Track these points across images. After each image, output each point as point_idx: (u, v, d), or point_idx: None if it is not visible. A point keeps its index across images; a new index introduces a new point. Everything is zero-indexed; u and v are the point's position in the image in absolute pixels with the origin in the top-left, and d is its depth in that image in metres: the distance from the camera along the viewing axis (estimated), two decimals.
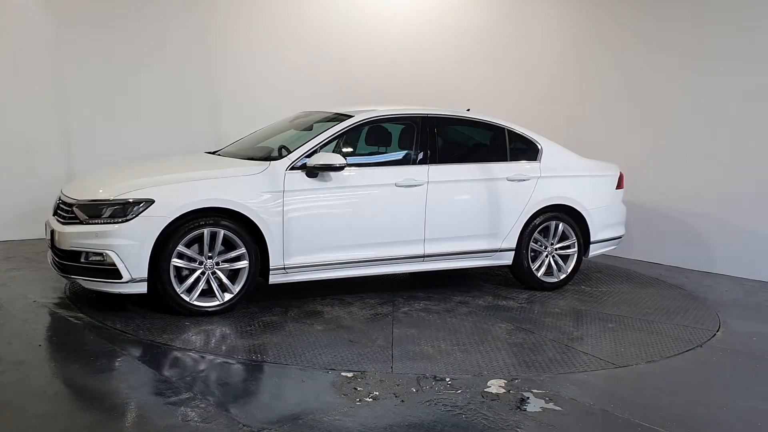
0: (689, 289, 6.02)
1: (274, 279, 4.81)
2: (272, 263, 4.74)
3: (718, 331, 4.81)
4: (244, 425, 3.02)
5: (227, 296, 4.62)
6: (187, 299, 4.53)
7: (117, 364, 3.73)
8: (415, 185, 5.17)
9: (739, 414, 3.46)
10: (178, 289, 4.48)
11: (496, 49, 8.29)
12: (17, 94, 6.97)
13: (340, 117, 5.34)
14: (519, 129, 5.73)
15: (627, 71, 7.25)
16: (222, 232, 4.57)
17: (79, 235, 4.46)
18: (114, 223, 4.41)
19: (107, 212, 4.45)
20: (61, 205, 4.80)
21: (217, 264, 4.61)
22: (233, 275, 4.68)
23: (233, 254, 4.63)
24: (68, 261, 4.51)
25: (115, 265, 4.36)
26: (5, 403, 3.19)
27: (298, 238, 4.81)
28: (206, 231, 4.53)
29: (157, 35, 7.67)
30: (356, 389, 3.48)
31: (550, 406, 3.38)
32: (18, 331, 4.23)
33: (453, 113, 5.68)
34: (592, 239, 5.76)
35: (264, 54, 8.35)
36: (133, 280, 4.40)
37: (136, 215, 4.42)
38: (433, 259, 5.32)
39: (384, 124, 5.50)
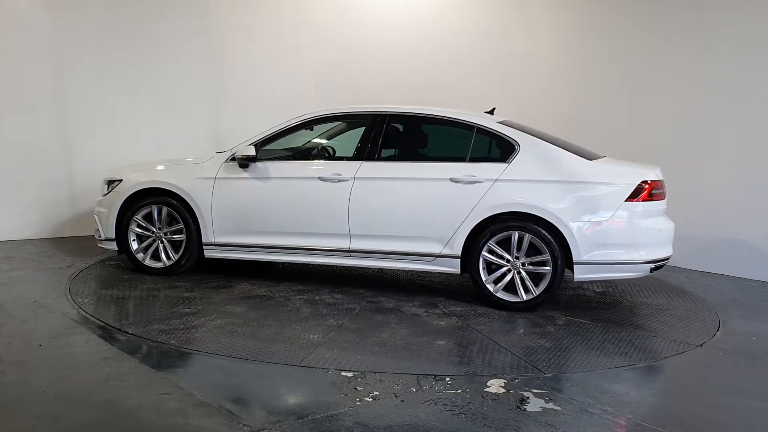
0: (689, 289, 6.02)
1: (208, 253, 5.59)
2: (204, 239, 5.55)
3: (718, 331, 4.80)
4: (244, 425, 3.02)
5: (169, 262, 5.61)
6: (140, 259, 5.66)
7: (117, 363, 3.73)
8: (341, 180, 5.22)
9: (739, 414, 3.46)
10: (133, 249, 5.66)
11: (498, 49, 8.29)
12: (17, 94, 6.98)
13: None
14: (494, 127, 5.19)
15: (631, 70, 7.25)
16: (165, 208, 5.58)
17: (96, 204, 5.93)
18: (103, 196, 5.82)
19: (108, 188, 5.81)
20: None
21: (165, 234, 5.62)
22: (179, 245, 5.60)
23: (174, 228, 5.60)
24: (95, 224, 5.91)
25: (98, 226, 5.78)
26: (5, 403, 3.19)
27: (225, 219, 5.49)
28: (154, 207, 5.61)
29: (157, 36, 7.68)
30: (356, 389, 3.48)
31: (550, 406, 3.39)
32: (18, 331, 4.23)
33: (411, 110, 5.46)
34: (575, 259, 4.83)
35: (264, 54, 8.36)
36: (107, 239, 5.74)
37: (111, 191, 5.76)
38: (360, 256, 5.28)
39: (339, 121, 5.73)
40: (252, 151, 5.38)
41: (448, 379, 3.67)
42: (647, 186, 4.90)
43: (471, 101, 6.82)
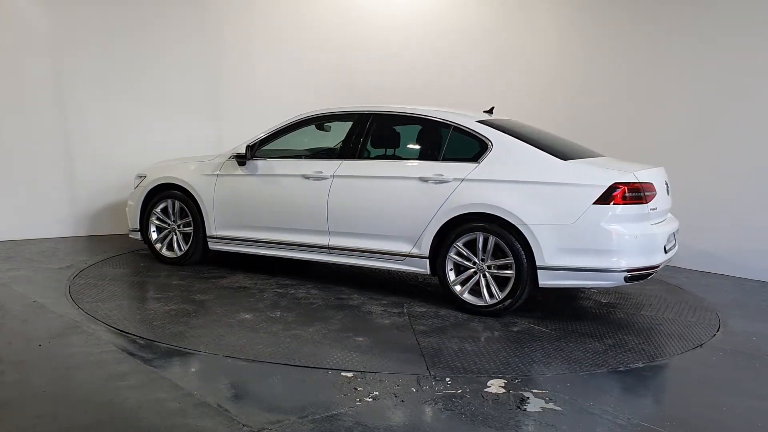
0: (689, 289, 6.01)
1: (212, 246, 5.92)
2: (207, 232, 5.89)
3: (718, 331, 4.80)
4: (244, 425, 3.02)
5: (180, 253, 6.03)
6: (158, 249, 6.13)
7: (117, 363, 3.73)
8: (322, 178, 5.34)
9: (739, 414, 3.46)
10: (152, 240, 6.14)
11: (499, 49, 8.28)
12: (17, 95, 6.97)
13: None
14: (470, 126, 5.05)
15: (631, 69, 7.24)
16: (178, 203, 6.01)
17: (129, 197, 6.37)
18: (134, 189, 6.25)
19: (137, 182, 6.25)
20: None
21: (179, 227, 6.05)
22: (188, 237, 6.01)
23: (185, 221, 6.00)
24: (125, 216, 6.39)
25: (128, 218, 6.30)
26: (5, 403, 3.19)
27: (224, 213, 5.79)
28: (169, 201, 6.05)
29: (157, 35, 7.67)
30: (356, 389, 3.48)
31: (550, 406, 3.38)
32: (18, 331, 4.23)
33: (394, 109, 5.47)
34: (539, 263, 4.59)
35: (264, 54, 8.36)
36: (134, 230, 6.23)
37: (138, 185, 6.21)
38: (339, 253, 5.36)
39: (331, 121, 5.82)
40: (243, 150, 5.65)
41: (448, 379, 3.67)
42: (620, 189, 4.51)
43: (471, 101, 6.81)
